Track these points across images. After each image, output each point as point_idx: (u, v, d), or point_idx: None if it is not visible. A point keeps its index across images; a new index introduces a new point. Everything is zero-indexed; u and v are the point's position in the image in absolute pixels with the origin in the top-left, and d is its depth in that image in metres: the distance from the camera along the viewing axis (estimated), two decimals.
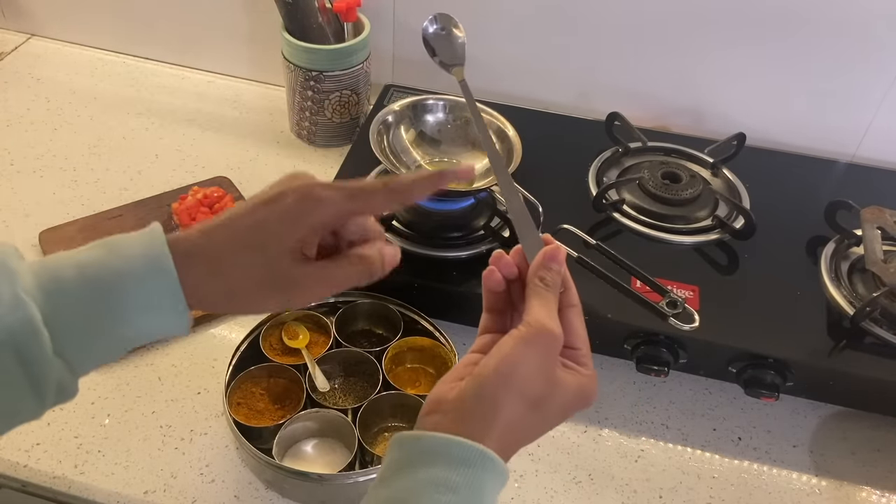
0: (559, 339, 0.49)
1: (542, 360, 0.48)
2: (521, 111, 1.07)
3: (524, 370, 0.47)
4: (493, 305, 0.55)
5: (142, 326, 0.47)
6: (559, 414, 0.50)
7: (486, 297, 0.55)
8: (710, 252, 0.89)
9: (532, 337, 0.48)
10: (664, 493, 0.76)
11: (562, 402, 0.49)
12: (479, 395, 0.47)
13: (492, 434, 0.47)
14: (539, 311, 0.49)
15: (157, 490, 0.72)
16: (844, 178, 1.04)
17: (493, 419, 0.47)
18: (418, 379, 0.81)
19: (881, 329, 0.79)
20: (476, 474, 0.45)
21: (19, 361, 0.43)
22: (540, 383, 0.48)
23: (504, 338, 0.49)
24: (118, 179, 1.04)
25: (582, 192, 0.95)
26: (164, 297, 0.46)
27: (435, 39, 0.82)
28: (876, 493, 0.77)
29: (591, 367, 0.52)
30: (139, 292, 0.45)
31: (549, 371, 0.49)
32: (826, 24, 0.97)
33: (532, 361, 0.48)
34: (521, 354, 0.48)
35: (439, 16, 0.82)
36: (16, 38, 1.29)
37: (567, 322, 0.52)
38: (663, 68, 1.07)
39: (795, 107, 1.05)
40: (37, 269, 0.45)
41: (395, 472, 0.46)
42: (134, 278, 0.45)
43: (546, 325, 0.48)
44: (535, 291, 0.51)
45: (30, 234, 0.94)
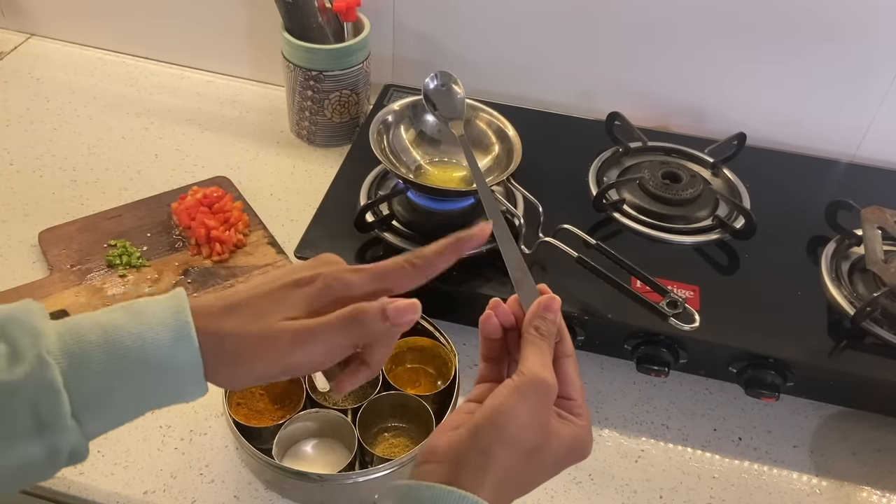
0: (553, 389, 0.49)
1: (535, 409, 0.48)
2: (521, 111, 1.07)
3: (518, 420, 0.48)
4: (489, 353, 0.56)
5: (161, 394, 0.46)
6: (554, 465, 0.50)
7: (482, 345, 0.56)
8: (710, 252, 0.89)
9: (526, 386, 0.48)
10: (664, 494, 0.76)
11: (556, 454, 0.50)
12: (473, 445, 0.47)
13: (486, 484, 0.47)
14: (533, 360, 0.50)
15: (156, 490, 0.72)
16: (845, 178, 1.04)
17: (487, 469, 0.47)
18: (418, 379, 0.81)
19: (882, 329, 0.79)
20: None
21: (37, 423, 0.43)
22: (534, 433, 0.48)
23: (499, 387, 0.49)
24: (118, 179, 1.04)
25: (582, 192, 0.95)
26: (185, 368, 0.46)
27: (436, 95, 0.88)
28: (876, 493, 0.77)
29: (586, 417, 0.52)
30: (161, 361, 0.45)
31: (543, 421, 0.49)
32: (826, 24, 0.97)
33: (525, 411, 0.48)
34: (515, 404, 0.48)
35: (440, 73, 0.88)
36: (16, 37, 1.29)
37: (562, 372, 0.52)
38: (663, 68, 1.07)
39: (796, 107, 1.05)
40: (61, 329, 0.45)
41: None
42: (156, 346, 0.45)
43: (540, 374, 0.49)
44: (530, 341, 0.51)
45: (30, 233, 0.94)
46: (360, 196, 0.91)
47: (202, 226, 0.91)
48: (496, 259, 0.86)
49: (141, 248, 0.92)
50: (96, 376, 0.44)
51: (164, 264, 0.90)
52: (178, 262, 0.91)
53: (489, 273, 0.84)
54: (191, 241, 0.93)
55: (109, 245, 0.92)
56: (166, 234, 0.94)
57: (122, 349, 0.44)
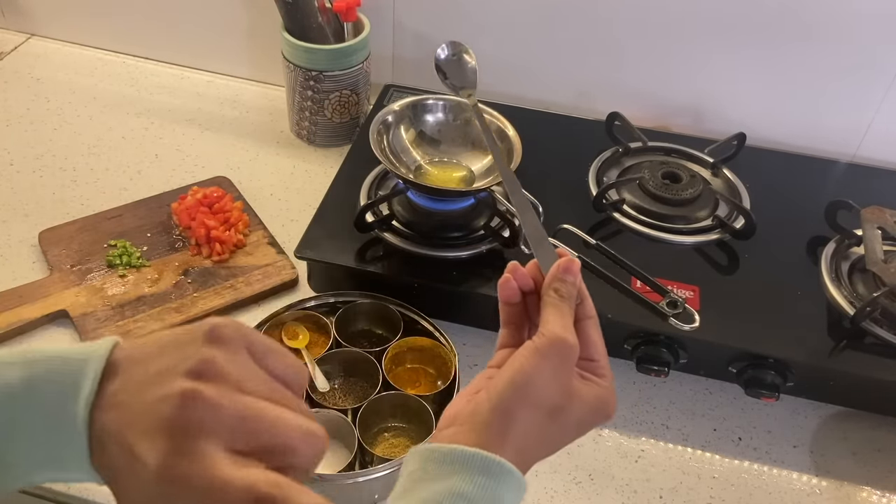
0: (574, 350, 0.49)
1: (556, 370, 0.48)
2: (521, 111, 1.07)
3: (539, 381, 0.47)
4: (509, 319, 0.55)
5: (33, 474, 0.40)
6: (577, 426, 0.50)
7: (502, 311, 0.55)
8: (710, 252, 0.89)
9: (546, 348, 0.48)
10: (664, 494, 0.76)
11: (579, 414, 0.49)
12: (494, 407, 0.47)
13: (508, 446, 0.46)
14: (554, 322, 0.49)
15: None
16: (844, 178, 1.04)
17: (508, 431, 0.47)
18: (418, 379, 0.81)
19: (881, 329, 0.79)
20: (493, 485, 0.45)
21: None
22: (555, 394, 0.48)
23: (519, 349, 0.49)
24: (118, 179, 1.04)
25: (582, 192, 0.95)
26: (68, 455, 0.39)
27: (447, 65, 0.87)
28: (876, 493, 0.77)
29: (609, 378, 0.51)
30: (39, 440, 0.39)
31: (565, 382, 0.49)
32: (826, 24, 0.97)
33: (547, 372, 0.48)
34: (536, 365, 0.48)
35: (451, 43, 0.88)
36: (16, 37, 1.28)
37: (584, 333, 0.52)
38: (663, 68, 1.07)
39: (795, 107, 1.05)
40: None
41: (412, 485, 0.46)
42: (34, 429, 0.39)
43: (560, 335, 0.48)
44: (549, 303, 0.51)
45: (30, 233, 0.94)
46: (360, 196, 0.91)
47: (202, 226, 0.91)
48: (496, 259, 0.86)
49: (141, 249, 0.92)
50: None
51: (164, 264, 0.90)
52: (178, 262, 0.91)
53: (489, 273, 0.84)
54: (191, 241, 0.92)
55: (109, 245, 0.92)
56: (166, 234, 0.94)
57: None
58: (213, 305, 0.86)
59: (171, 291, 0.87)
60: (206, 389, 0.37)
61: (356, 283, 0.85)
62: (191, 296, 0.87)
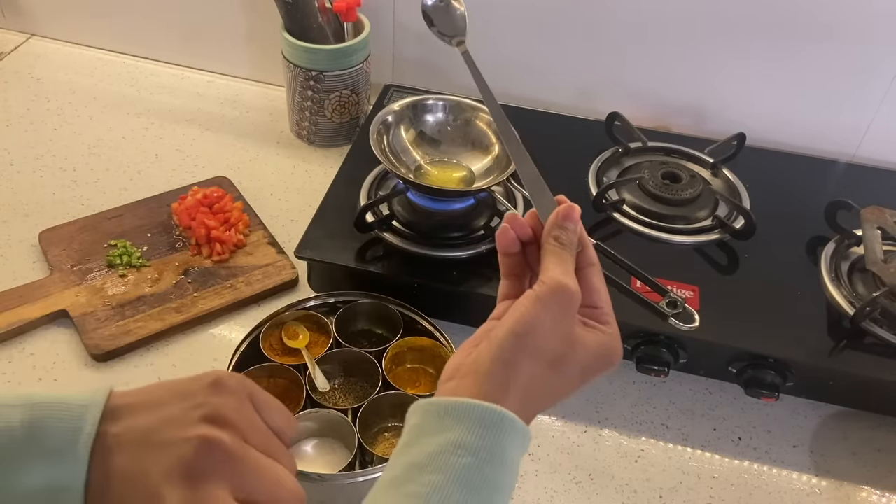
0: (576, 296, 0.48)
1: (558, 318, 0.47)
2: (521, 111, 1.07)
3: (540, 329, 0.47)
4: (510, 270, 0.54)
5: None
6: (581, 374, 0.49)
7: (501, 263, 0.54)
8: (710, 252, 0.89)
9: (547, 295, 0.47)
10: (664, 494, 0.76)
11: (582, 362, 0.49)
12: (495, 357, 0.47)
13: (510, 396, 0.46)
14: (554, 269, 0.48)
15: None
16: (844, 178, 1.04)
17: (510, 381, 0.46)
18: (418, 379, 0.81)
19: (881, 329, 0.79)
20: (495, 436, 0.44)
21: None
22: (557, 342, 0.47)
23: (520, 299, 0.48)
24: (118, 179, 1.04)
25: (582, 192, 0.95)
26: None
27: (434, 11, 0.81)
28: (876, 493, 0.77)
29: (614, 325, 0.51)
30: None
31: (567, 329, 0.48)
32: (826, 24, 0.97)
33: (548, 320, 0.47)
34: (536, 313, 0.47)
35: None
36: (16, 38, 1.29)
37: (586, 281, 0.51)
38: (663, 68, 1.07)
39: (795, 107, 1.05)
40: None
41: (415, 439, 0.46)
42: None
43: (561, 281, 0.47)
44: (549, 251, 0.50)
45: (30, 233, 0.94)
46: (360, 196, 0.92)
47: (202, 226, 0.91)
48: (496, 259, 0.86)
49: (141, 248, 0.92)
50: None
51: (164, 264, 0.90)
52: (179, 262, 0.91)
53: (489, 273, 0.84)
54: (191, 241, 0.92)
55: (110, 245, 0.91)
56: (167, 234, 0.94)
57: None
58: (214, 305, 0.86)
59: (171, 291, 0.87)
60: (224, 437, 0.40)
61: (356, 283, 0.85)
62: (191, 296, 0.87)
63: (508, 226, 0.53)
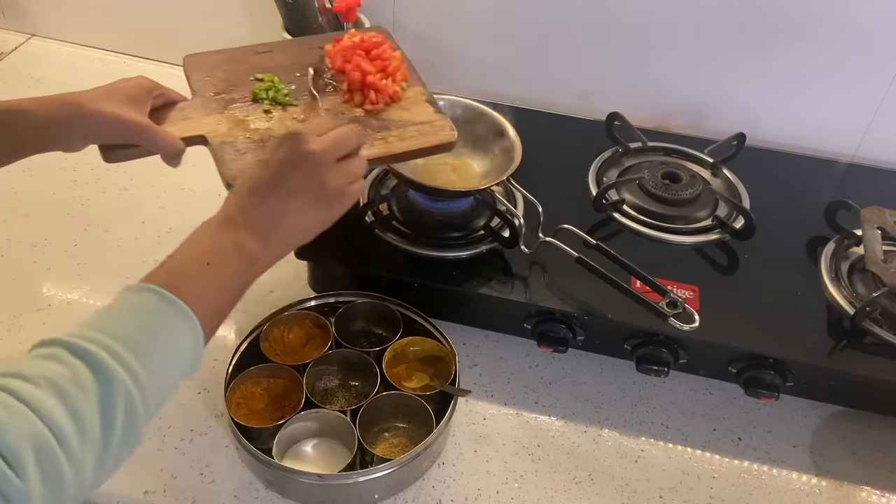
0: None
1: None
2: (521, 111, 1.07)
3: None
4: None
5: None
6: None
7: None
8: (710, 252, 0.89)
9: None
10: (664, 494, 0.76)
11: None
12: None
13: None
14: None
15: (157, 490, 0.72)
16: (844, 178, 1.04)
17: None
18: (418, 379, 0.81)
19: (881, 329, 0.79)
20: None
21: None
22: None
23: None
24: (118, 179, 1.04)
25: (582, 192, 0.95)
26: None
27: None
28: (876, 493, 0.77)
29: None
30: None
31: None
32: (826, 25, 0.97)
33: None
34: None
35: None
36: (16, 38, 1.29)
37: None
38: (663, 68, 1.07)
39: (795, 107, 1.05)
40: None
41: None
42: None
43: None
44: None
45: (30, 233, 0.94)
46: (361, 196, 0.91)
47: (357, 69, 0.82)
48: (496, 259, 0.86)
49: (289, 87, 0.83)
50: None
51: (311, 106, 0.82)
52: (328, 106, 0.82)
53: (489, 273, 0.84)
54: (342, 86, 0.83)
55: (256, 78, 0.84)
56: (317, 76, 0.85)
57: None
58: (363, 155, 0.73)
59: None
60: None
61: (356, 283, 0.85)
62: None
63: None
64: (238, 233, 0.59)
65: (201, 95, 0.81)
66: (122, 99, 0.70)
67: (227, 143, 0.76)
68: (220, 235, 0.59)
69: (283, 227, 0.60)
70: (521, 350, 0.86)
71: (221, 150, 0.76)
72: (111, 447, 0.48)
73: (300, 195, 0.61)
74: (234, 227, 0.59)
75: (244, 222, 0.59)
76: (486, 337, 0.88)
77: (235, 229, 0.59)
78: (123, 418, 0.48)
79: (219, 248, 0.58)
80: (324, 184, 0.62)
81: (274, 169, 0.61)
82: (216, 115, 0.79)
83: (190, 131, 0.77)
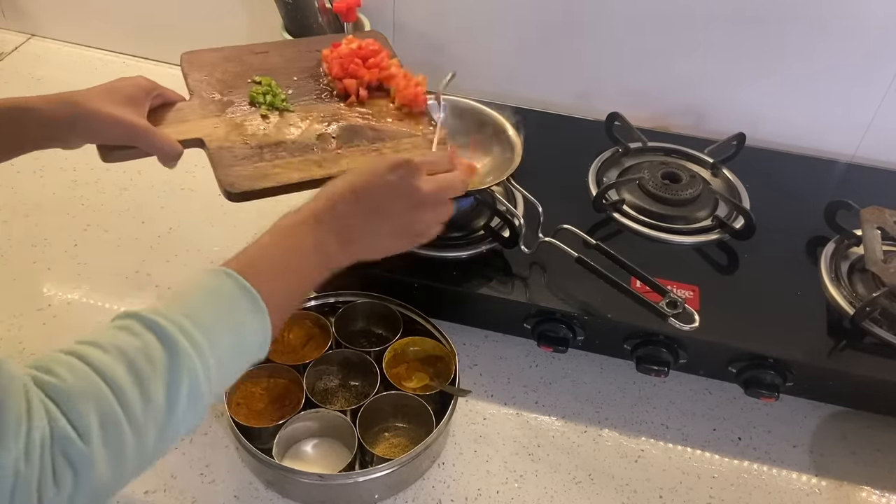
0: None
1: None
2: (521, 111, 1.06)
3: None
4: None
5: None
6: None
7: None
8: (710, 252, 0.89)
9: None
10: (664, 493, 0.76)
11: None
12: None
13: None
14: None
15: (157, 490, 0.72)
16: (844, 178, 1.04)
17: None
18: (418, 379, 0.81)
19: (881, 329, 0.79)
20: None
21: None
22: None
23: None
24: (118, 179, 1.04)
25: (582, 192, 0.95)
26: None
27: None
28: (876, 493, 0.77)
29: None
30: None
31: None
32: (826, 25, 0.97)
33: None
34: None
35: None
36: (16, 38, 1.29)
37: None
38: (663, 68, 1.07)
39: (795, 107, 1.05)
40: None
41: None
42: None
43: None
44: None
45: (30, 233, 0.94)
46: None
47: (354, 78, 0.85)
48: (496, 259, 0.86)
49: (286, 92, 0.84)
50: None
51: (308, 112, 0.82)
52: (325, 112, 0.83)
53: (489, 273, 0.84)
54: (338, 92, 0.86)
55: (254, 81, 0.84)
56: (314, 81, 0.86)
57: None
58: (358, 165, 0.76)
59: (313, 143, 0.80)
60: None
61: (356, 283, 0.85)
62: (334, 151, 0.79)
63: None
64: (323, 233, 0.60)
65: (199, 96, 0.81)
66: (121, 99, 0.71)
67: (225, 148, 0.77)
68: (304, 231, 0.60)
69: (364, 243, 0.63)
70: (521, 350, 0.86)
71: (219, 155, 0.76)
72: (173, 421, 0.48)
73: (391, 222, 0.63)
74: (320, 227, 0.60)
75: (334, 228, 0.61)
76: (486, 337, 0.88)
77: (321, 229, 0.60)
78: (188, 392, 0.49)
79: (300, 244, 0.59)
80: (416, 222, 0.64)
81: (378, 188, 0.62)
82: (214, 119, 0.79)
83: (187, 134, 0.77)
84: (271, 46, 0.89)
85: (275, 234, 0.60)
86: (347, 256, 0.62)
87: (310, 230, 0.60)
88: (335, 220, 0.61)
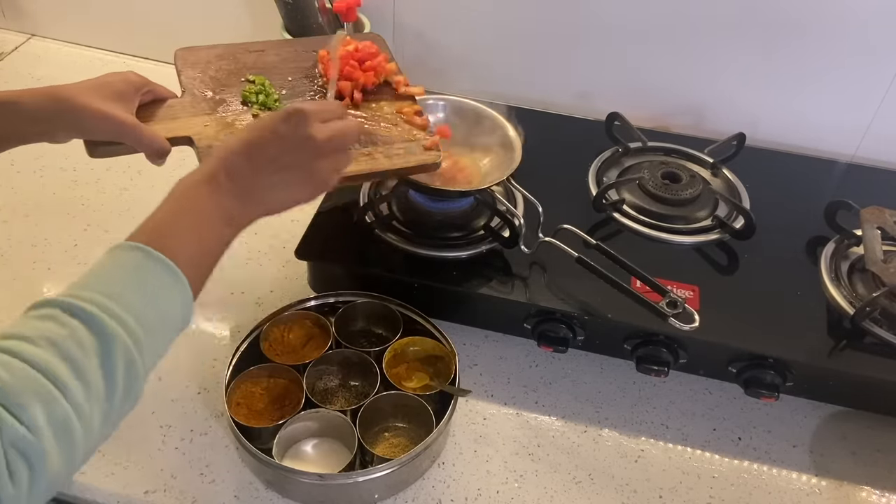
0: None
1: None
2: (521, 111, 1.06)
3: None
4: None
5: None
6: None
7: None
8: (710, 252, 0.89)
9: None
10: (664, 493, 0.76)
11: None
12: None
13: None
14: None
15: (157, 490, 0.72)
16: (844, 178, 1.04)
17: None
18: (418, 379, 0.81)
19: (881, 329, 0.79)
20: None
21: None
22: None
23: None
24: (118, 179, 1.04)
25: (582, 192, 0.95)
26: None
27: None
28: (876, 493, 0.77)
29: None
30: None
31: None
32: (826, 25, 0.97)
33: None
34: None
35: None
36: (16, 38, 1.29)
37: None
38: (663, 68, 1.07)
39: (795, 107, 1.05)
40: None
41: None
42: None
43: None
44: None
45: (30, 233, 0.94)
46: (361, 196, 0.91)
47: (349, 81, 0.84)
48: (496, 259, 0.86)
49: (279, 92, 0.83)
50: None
51: None
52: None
53: (489, 273, 0.84)
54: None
55: (248, 80, 0.83)
56: (309, 81, 0.85)
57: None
58: (348, 171, 0.72)
59: None
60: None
61: (356, 283, 0.85)
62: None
63: None
64: (222, 196, 0.59)
65: (191, 94, 0.81)
66: (110, 95, 0.70)
67: (214, 147, 0.76)
68: (203, 194, 0.59)
69: (265, 198, 0.61)
70: (521, 350, 0.86)
71: (207, 154, 0.75)
72: (115, 402, 0.49)
73: (290, 174, 0.61)
74: (218, 189, 0.59)
75: (231, 187, 0.59)
76: (486, 337, 0.88)
77: (219, 191, 0.59)
78: (124, 373, 0.49)
79: (201, 207, 0.58)
80: (315, 171, 0.62)
81: (271, 142, 0.61)
82: (204, 117, 0.78)
83: (176, 132, 0.76)
84: (267, 45, 0.88)
85: (175, 199, 0.58)
86: (251, 213, 0.61)
87: (208, 192, 0.59)
88: (230, 179, 0.59)
